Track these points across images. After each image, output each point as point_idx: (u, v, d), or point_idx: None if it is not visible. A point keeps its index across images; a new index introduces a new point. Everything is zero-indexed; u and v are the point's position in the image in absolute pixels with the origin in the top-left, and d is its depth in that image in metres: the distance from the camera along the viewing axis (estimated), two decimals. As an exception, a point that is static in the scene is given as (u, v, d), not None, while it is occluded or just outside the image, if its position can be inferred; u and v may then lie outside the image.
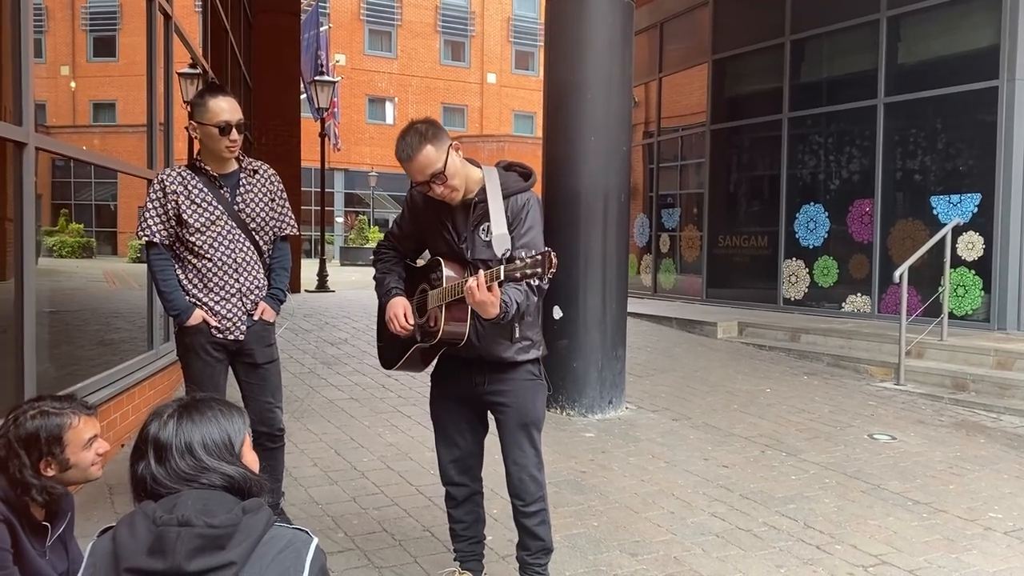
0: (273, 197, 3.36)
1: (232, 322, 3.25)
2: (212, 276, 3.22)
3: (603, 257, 5.66)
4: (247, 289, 3.27)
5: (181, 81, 6.88)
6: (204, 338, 3.22)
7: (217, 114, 3.13)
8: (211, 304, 3.22)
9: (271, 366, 3.39)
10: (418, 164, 2.50)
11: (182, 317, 3.20)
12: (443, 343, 2.63)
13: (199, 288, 3.22)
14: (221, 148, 3.18)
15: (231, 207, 3.24)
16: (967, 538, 3.59)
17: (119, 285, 6.39)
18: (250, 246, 3.28)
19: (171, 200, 3.17)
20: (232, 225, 3.23)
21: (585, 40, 5.65)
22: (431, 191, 2.56)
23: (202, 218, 3.18)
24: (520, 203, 2.61)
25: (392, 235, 2.86)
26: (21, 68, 3.47)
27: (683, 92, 12.08)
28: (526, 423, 2.72)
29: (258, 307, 3.30)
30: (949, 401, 6.27)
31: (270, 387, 3.38)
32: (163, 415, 1.55)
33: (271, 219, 3.35)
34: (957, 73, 8.32)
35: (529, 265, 2.28)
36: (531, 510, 2.72)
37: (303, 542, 1.48)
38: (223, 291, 3.23)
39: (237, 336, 3.26)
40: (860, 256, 9.21)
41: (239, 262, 3.25)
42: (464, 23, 40.24)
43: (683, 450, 4.84)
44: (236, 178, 3.28)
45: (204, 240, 3.19)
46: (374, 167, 36.63)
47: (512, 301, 2.48)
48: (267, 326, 3.35)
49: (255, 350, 3.31)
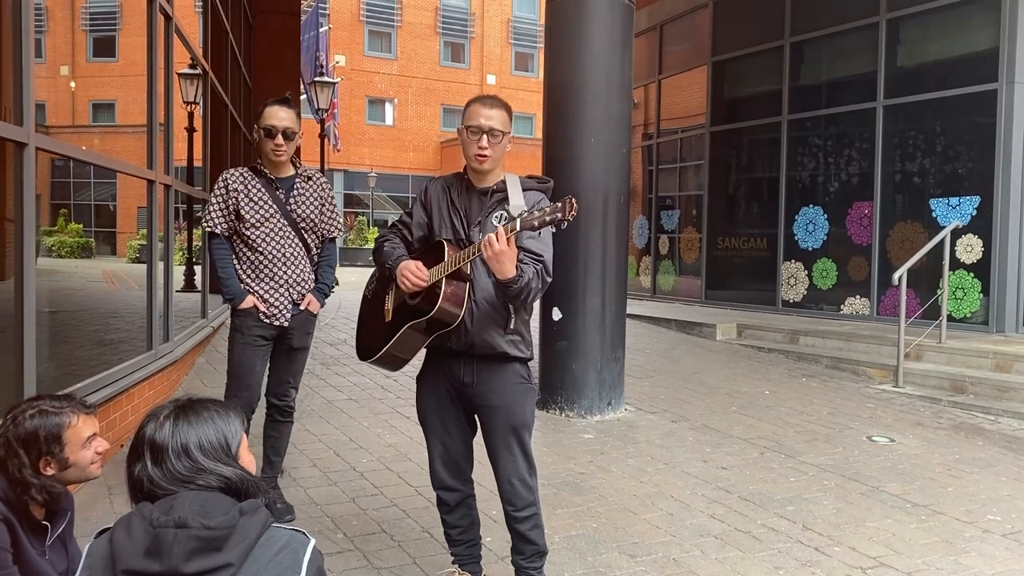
0: (324, 202, 3.73)
1: (279, 309, 3.59)
2: (263, 267, 3.58)
3: (602, 258, 5.66)
4: (294, 281, 3.63)
5: (181, 82, 6.89)
6: (252, 320, 3.57)
7: (268, 118, 3.52)
8: (261, 292, 3.58)
9: (303, 352, 3.76)
10: (496, 113, 2.66)
11: (236, 301, 3.56)
12: (437, 321, 2.58)
13: (252, 277, 3.59)
14: (267, 150, 3.54)
15: (284, 207, 3.60)
16: (965, 540, 3.59)
17: (118, 285, 6.39)
18: (299, 243, 3.64)
19: (232, 197, 3.55)
20: (284, 223, 3.59)
21: (585, 42, 5.66)
22: (479, 141, 2.63)
23: (258, 215, 3.55)
24: (534, 199, 2.70)
25: (401, 222, 2.87)
26: (22, 68, 3.47)
27: (683, 94, 12.08)
28: (515, 426, 2.70)
29: (305, 298, 3.66)
30: (948, 403, 6.27)
31: (294, 369, 3.74)
32: (159, 416, 1.55)
33: (321, 221, 3.72)
34: (956, 76, 8.33)
35: (548, 212, 2.32)
36: (523, 515, 2.71)
37: (300, 543, 1.47)
38: (273, 281, 3.59)
39: (283, 322, 3.61)
40: (859, 258, 9.22)
41: (288, 256, 3.60)
42: (464, 24, 40.24)
43: (682, 452, 4.84)
44: (292, 182, 3.65)
45: (258, 234, 3.56)
46: (373, 168, 36.62)
47: (526, 272, 2.49)
48: (311, 316, 3.71)
49: (295, 335, 3.67)
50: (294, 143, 3.57)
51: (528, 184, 2.74)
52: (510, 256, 2.38)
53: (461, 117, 2.74)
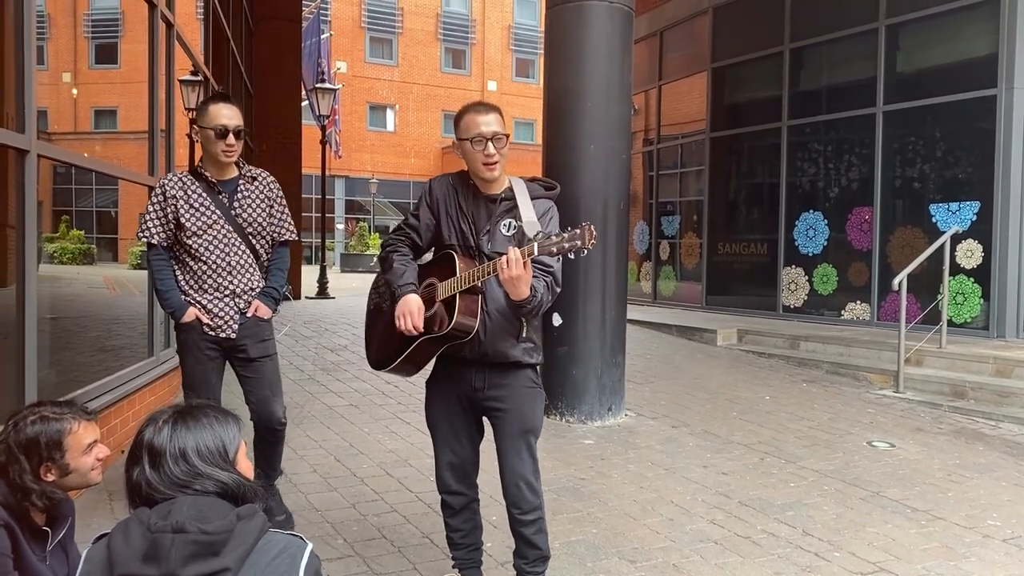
0: (272, 204, 3.48)
1: (224, 320, 3.38)
2: (207, 277, 3.36)
3: (603, 264, 5.67)
4: (240, 290, 3.40)
5: (182, 88, 6.91)
6: (197, 335, 3.36)
7: (215, 118, 3.26)
8: (204, 303, 3.36)
9: (266, 360, 3.48)
10: (492, 118, 2.62)
11: (177, 314, 3.35)
12: (452, 335, 2.58)
13: (194, 288, 3.37)
14: (218, 152, 3.29)
15: (228, 212, 3.36)
16: (966, 545, 3.59)
17: (120, 291, 6.40)
18: (246, 250, 3.41)
19: (171, 204, 3.31)
20: (228, 229, 3.36)
21: (585, 48, 5.68)
22: (485, 148, 2.59)
23: (199, 222, 3.31)
24: (543, 208, 2.68)
25: (408, 225, 2.81)
26: (24, 75, 3.48)
27: (683, 100, 12.11)
28: (526, 430, 2.71)
29: (252, 304, 3.43)
30: (948, 408, 6.27)
31: (266, 381, 3.47)
32: (158, 421, 1.56)
33: (269, 225, 3.48)
34: (956, 81, 8.34)
35: (567, 240, 2.29)
36: (528, 519, 2.72)
37: (298, 548, 1.48)
38: (217, 291, 3.37)
39: (229, 334, 3.39)
40: (859, 264, 9.22)
41: (233, 264, 3.38)
42: (465, 31, 40.35)
43: (682, 457, 4.84)
44: (235, 184, 3.40)
45: (200, 243, 3.32)
46: (375, 174, 36.69)
47: (538, 289, 2.49)
48: (261, 322, 3.46)
49: (248, 345, 3.43)
50: (242, 142, 3.35)
51: (535, 191, 2.72)
52: (526, 280, 2.37)
53: (455, 132, 2.70)
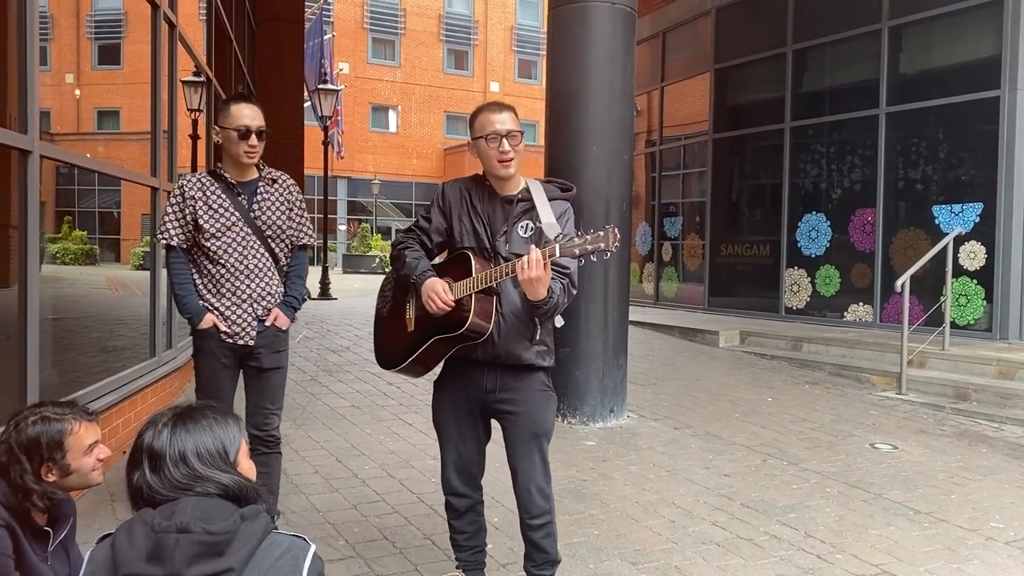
0: (291, 207, 3.39)
1: (241, 327, 3.27)
2: (225, 281, 3.26)
3: (604, 265, 5.67)
4: (258, 295, 3.29)
5: (185, 89, 6.92)
6: (214, 342, 3.26)
7: (238, 118, 3.20)
8: (222, 309, 3.26)
9: (276, 372, 3.39)
10: (507, 116, 2.62)
11: (194, 320, 3.25)
12: (466, 336, 2.55)
13: (212, 293, 3.27)
14: (239, 152, 3.21)
15: (248, 214, 3.28)
16: (968, 548, 3.58)
17: (122, 292, 6.41)
18: (265, 253, 3.32)
19: (189, 205, 3.23)
20: (248, 232, 3.27)
21: (587, 49, 5.68)
22: (500, 145, 2.59)
23: (218, 223, 3.23)
24: (560, 209, 2.67)
25: (419, 227, 2.78)
26: (27, 76, 3.49)
27: (685, 101, 12.11)
28: (537, 434, 2.69)
29: (271, 313, 3.32)
30: (951, 411, 6.26)
31: (270, 393, 3.38)
32: (157, 424, 1.56)
33: (288, 228, 3.38)
34: (959, 83, 8.33)
35: (591, 242, 2.28)
36: (538, 523, 2.70)
37: (301, 549, 1.48)
38: (235, 296, 3.26)
39: (247, 341, 3.28)
40: (862, 265, 9.21)
41: (252, 268, 3.28)
42: (467, 32, 40.38)
43: (684, 459, 4.83)
44: (255, 186, 3.32)
45: (219, 245, 3.23)
46: (377, 175, 36.71)
47: (555, 291, 2.48)
48: (279, 332, 3.36)
49: (263, 355, 3.33)
50: (263, 143, 3.28)
51: (552, 192, 2.71)
52: (544, 281, 2.36)
53: (470, 132, 2.70)
